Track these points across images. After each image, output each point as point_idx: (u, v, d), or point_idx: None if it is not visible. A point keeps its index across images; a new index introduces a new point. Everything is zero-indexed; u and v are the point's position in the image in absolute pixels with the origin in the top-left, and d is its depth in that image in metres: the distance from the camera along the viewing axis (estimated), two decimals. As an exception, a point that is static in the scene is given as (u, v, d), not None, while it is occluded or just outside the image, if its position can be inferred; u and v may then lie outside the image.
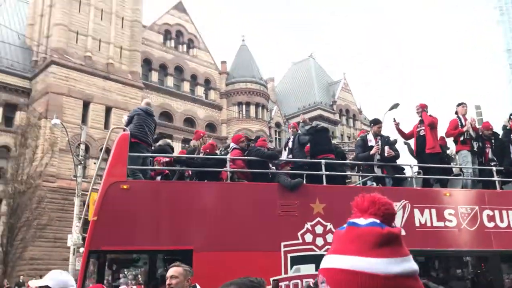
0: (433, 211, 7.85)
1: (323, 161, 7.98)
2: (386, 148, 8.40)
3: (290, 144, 8.94)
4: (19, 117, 33.71)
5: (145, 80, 40.61)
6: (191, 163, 8.10)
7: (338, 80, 58.92)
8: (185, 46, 46.01)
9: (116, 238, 6.78)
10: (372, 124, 9.10)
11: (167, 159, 8.35)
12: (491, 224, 8.02)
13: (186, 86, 44.39)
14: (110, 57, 37.34)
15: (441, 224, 7.83)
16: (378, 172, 8.45)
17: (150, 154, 7.97)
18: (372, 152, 8.39)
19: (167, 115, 41.30)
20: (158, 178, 8.16)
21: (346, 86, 58.35)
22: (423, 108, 9.02)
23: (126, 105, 35.33)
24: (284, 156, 9.00)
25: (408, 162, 9.52)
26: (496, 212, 8.10)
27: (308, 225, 7.30)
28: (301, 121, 9.40)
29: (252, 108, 46.94)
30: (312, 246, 7.27)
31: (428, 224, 7.76)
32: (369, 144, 8.58)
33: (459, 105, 9.33)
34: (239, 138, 8.51)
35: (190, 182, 8.04)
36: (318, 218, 7.36)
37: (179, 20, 46.19)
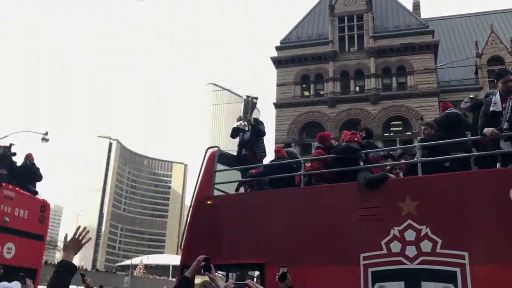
0: None
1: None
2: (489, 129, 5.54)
3: None
4: None
5: None
6: (265, 172, 7.66)
7: None
8: None
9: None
10: (495, 80, 5.96)
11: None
12: None
13: None
14: None
15: None
16: (506, 147, 5.51)
17: (237, 167, 8.01)
18: (488, 133, 5.57)
19: None
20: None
21: None
22: None
23: None
24: None
25: None
26: None
27: (395, 231, 5.62)
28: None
29: None
30: (401, 258, 5.51)
31: None
32: (491, 108, 5.72)
33: None
34: (326, 137, 7.47)
35: (262, 192, 7.47)
36: (409, 221, 5.59)
37: None
